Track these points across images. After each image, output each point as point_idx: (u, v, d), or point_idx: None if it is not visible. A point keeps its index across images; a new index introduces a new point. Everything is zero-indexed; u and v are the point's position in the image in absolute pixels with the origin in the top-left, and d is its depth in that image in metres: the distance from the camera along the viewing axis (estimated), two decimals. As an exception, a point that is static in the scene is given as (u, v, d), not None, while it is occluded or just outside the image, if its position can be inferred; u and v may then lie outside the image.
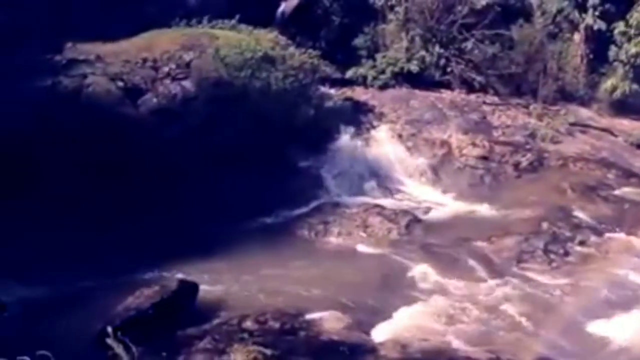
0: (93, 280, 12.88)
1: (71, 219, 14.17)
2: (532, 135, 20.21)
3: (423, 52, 21.93)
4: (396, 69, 21.55)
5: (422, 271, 13.51)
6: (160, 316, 10.97)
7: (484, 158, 18.77)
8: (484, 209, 16.81)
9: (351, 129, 18.70)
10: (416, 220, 15.89)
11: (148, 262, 13.29)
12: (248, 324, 11.17)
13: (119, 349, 4.86)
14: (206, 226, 14.49)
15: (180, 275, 12.55)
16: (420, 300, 12.35)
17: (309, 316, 11.54)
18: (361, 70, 21.54)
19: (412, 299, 12.42)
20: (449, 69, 22.13)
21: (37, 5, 17.54)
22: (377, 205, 16.31)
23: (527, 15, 23.05)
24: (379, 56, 21.79)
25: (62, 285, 12.67)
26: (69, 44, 16.86)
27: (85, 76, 15.85)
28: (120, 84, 15.79)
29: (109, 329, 4.92)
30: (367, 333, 11.25)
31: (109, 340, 4.88)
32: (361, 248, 14.71)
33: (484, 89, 22.21)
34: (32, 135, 14.48)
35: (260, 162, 15.90)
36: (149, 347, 9.55)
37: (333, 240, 15.07)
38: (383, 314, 11.74)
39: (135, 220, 14.36)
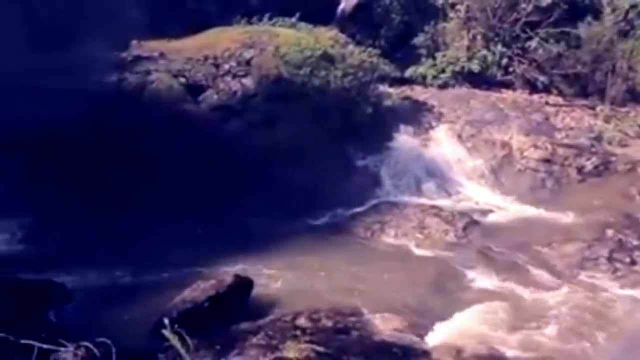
0: (153, 272, 13.21)
1: (134, 211, 14.58)
2: (598, 138, 19.50)
3: (485, 51, 21.52)
4: (457, 69, 21.23)
5: (479, 275, 13.26)
6: (216, 310, 11.13)
7: (546, 161, 18.25)
8: (545, 214, 16.35)
9: (410, 129, 18.52)
10: (474, 223, 15.60)
11: (206, 256, 13.52)
12: (301, 321, 11.19)
13: (174, 341, 4.95)
14: (263, 222, 14.63)
15: (236, 270, 12.69)
16: (476, 305, 12.09)
17: (362, 316, 11.48)
18: (421, 70, 21.32)
19: (468, 303, 12.17)
20: (511, 69, 21.64)
21: (105, 4, 18.10)
22: (434, 207, 16.10)
23: (596, 12, 22.25)
24: (439, 55, 21.51)
25: (124, 275, 13.06)
26: (135, 42, 17.34)
27: (149, 73, 16.26)
28: (183, 80, 16.12)
29: (166, 321, 5.00)
30: (421, 336, 11.10)
31: (166, 332, 4.97)
32: (417, 249, 14.54)
33: (547, 90, 21.61)
34: (99, 129, 14.96)
35: (318, 160, 15.94)
36: (204, 340, 9.77)
37: (389, 240, 14.95)
38: (438, 318, 11.56)
39: (195, 214, 14.64)
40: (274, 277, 13.00)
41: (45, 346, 5.16)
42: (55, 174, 14.72)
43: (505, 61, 21.58)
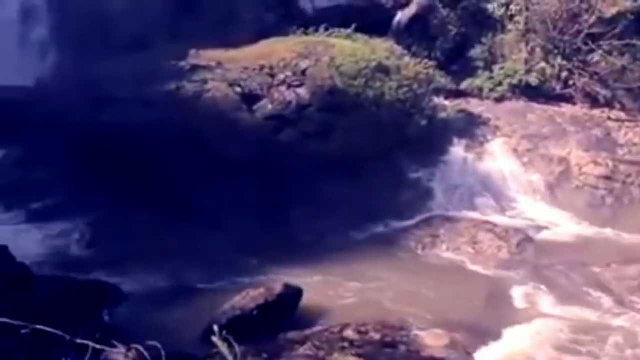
0: (204, 278, 13.43)
1: (189, 217, 14.89)
2: (663, 156, 18.77)
3: (543, 64, 21.04)
4: (514, 81, 20.82)
5: (532, 294, 12.92)
6: (264, 318, 11.21)
7: (606, 178, 17.65)
8: (604, 233, 15.82)
9: (464, 142, 18.26)
10: (529, 239, 15.23)
11: (257, 265, 13.66)
12: (349, 333, 11.15)
13: (222, 347, 4.99)
14: (315, 232, 14.68)
15: (286, 280, 12.76)
16: (528, 325, 11.79)
17: (411, 331, 11.35)
18: (477, 82, 21.01)
19: (520, 322, 11.88)
20: (571, 82, 21.06)
21: (164, 14, 18.62)
22: (487, 222, 15.79)
23: (664, 24, 21.46)
24: (496, 67, 21.15)
25: (177, 280, 13.33)
26: (193, 51, 17.72)
27: (205, 82, 16.57)
28: (238, 89, 16.35)
29: (215, 327, 5.06)
30: (470, 354, 10.89)
31: (214, 338, 5.02)
32: (469, 265, 14.30)
33: (609, 104, 20.92)
34: (157, 136, 15.35)
35: (370, 171, 15.91)
36: (252, 347, 9.85)
37: (440, 255, 14.76)
38: (488, 336, 11.32)
39: (247, 221, 14.83)
40: (324, 287, 13.02)
41: (98, 346, 5.28)
42: (117, 178, 15.18)
43: (564, 74, 21.03)
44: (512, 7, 21.55)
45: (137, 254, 14.19)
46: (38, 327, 5.09)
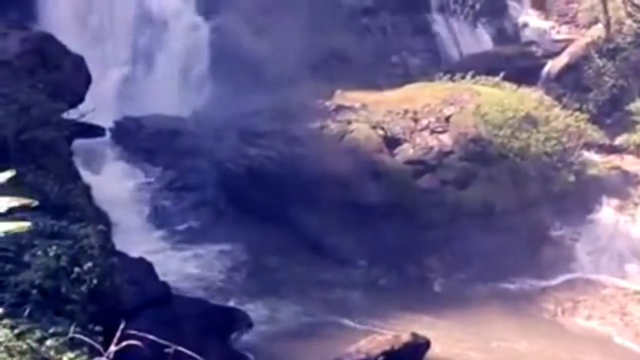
0: (332, 316, 13.50)
1: (321, 252, 15.16)
2: None
3: None
4: (678, 140, 19.23)
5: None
6: (389, 366, 11.02)
7: None
8: None
9: (615, 202, 17.04)
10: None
11: (385, 309, 13.52)
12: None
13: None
14: (446, 282, 14.32)
15: (413, 327, 12.50)
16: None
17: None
18: (634, 138, 19.59)
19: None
20: None
21: (314, 54, 19.31)
22: (639, 292, 14.55)
23: None
24: (657, 124, 19.68)
25: (306, 314, 13.53)
26: (338, 91, 18.16)
27: (349, 122, 16.88)
28: (381, 132, 16.49)
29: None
30: None
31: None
32: (616, 338, 13.18)
33: None
34: (299, 172, 15.83)
35: (510, 225, 15.30)
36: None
37: (581, 322, 13.75)
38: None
39: (378, 264, 14.78)
40: (450, 341, 12.59)
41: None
42: (257, 209, 15.80)
43: None
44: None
45: (269, 284, 14.60)
46: (179, 348, 5.31)
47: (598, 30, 20.16)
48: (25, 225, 3.56)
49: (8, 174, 3.67)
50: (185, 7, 20.26)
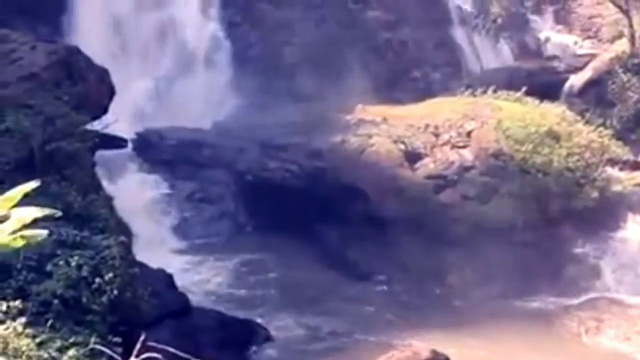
0: (349, 331, 13.41)
1: (340, 266, 15.11)
2: None
3: None
4: None
5: None
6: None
7: None
8: None
9: (640, 219, 16.77)
10: None
11: (405, 324, 13.40)
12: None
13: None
14: (467, 299, 14.15)
15: (432, 343, 12.34)
16: None
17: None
18: (659, 155, 19.34)
19: None
20: None
21: (335, 69, 19.39)
22: (665, 312, 14.26)
23: None
24: (683, 141, 19.37)
25: (324, 329, 13.46)
26: (360, 105, 18.16)
27: (370, 136, 16.85)
28: (402, 146, 16.43)
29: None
30: None
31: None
32: (640, 359, 12.92)
33: None
34: (319, 185, 15.82)
35: (532, 241, 15.10)
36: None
37: (606, 342, 13.45)
38: None
39: (399, 279, 14.68)
40: (472, 358, 12.41)
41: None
42: (277, 222, 15.81)
43: None
44: None
45: (288, 297, 14.57)
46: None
47: (622, 45, 19.96)
48: (43, 233, 3.59)
49: (33, 184, 3.71)
50: (208, 20, 20.51)
